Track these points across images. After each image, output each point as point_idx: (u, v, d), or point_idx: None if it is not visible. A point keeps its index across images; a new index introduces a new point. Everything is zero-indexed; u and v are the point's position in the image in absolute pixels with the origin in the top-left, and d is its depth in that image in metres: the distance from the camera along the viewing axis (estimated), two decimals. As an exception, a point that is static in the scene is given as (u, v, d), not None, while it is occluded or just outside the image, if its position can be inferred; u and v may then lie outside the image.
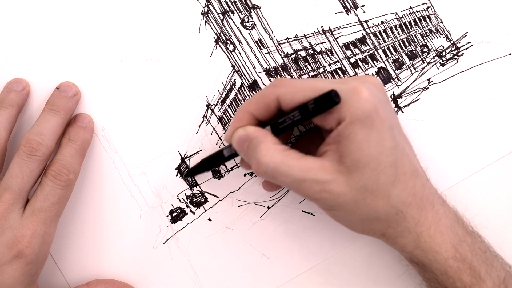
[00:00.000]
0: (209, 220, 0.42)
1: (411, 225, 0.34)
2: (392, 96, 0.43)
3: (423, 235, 0.34)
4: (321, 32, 0.42)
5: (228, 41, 0.42)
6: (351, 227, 0.36)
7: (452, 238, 0.34)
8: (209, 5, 0.41)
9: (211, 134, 0.42)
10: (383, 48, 0.43)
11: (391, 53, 0.43)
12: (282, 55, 0.42)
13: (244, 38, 0.42)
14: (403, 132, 0.35)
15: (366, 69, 0.43)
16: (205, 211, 0.42)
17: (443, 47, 0.43)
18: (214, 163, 0.40)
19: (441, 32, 0.43)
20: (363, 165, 0.32)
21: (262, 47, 0.42)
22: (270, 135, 0.34)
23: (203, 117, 0.42)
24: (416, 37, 0.44)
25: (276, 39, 0.42)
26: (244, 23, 0.42)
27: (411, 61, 0.43)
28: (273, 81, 0.35)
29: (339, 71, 0.43)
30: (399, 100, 0.43)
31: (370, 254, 0.42)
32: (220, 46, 0.42)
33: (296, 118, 0.33)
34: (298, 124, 0.34)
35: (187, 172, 0.41)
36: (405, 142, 0.35)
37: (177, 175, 0.42)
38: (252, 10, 0.42)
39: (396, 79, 0.43)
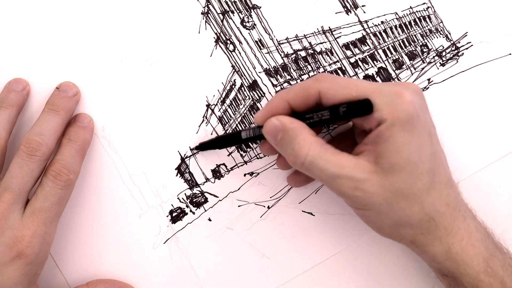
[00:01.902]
0: (209, 220, 0.42)
1: (443, 235, 0.34)
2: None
3: (455, 247, 0.33)
4: (321, 32, 0.42)
5: (228, 41, 0.42)
6: (380, 230, 0.36)
7: (484, 252, 0.34)
8: (209, 5, 0.41)
9: (211, 134, 0.42)
10: (383, 48, 0.43)
11: (391, 53, 0.43)
12: (282, 55, 0.42)
13: (244, 38, 0.42)
14: (439, 141, 0.35)
15: (366, 69, 0.43)
16: (205, 211, 0.42)
17: (443, 47, 0.43)
18: (229, 143, 0.39)
19: (441, 32, 0.43)
20: (400, 168, 0.32)
21: (262, 47, 0.42)
22: (307, 128, 0.34)
23: (203, 117, 0.42)
24: (416, 37, 0.44)
25: (276, 39, 0.42)
26: (244, 23, 0.42)
27: (411, 61, 0.43)
28: (316, 75, 0.35)
29: (339, 71, 0.43)
30: (399, 100, 0.43)
31: (370, 254, 0.42)
32: (220, 46, 0.42)
33: (325, 117, 0.33)
34: (325, 124, 0.34)
35: (199, 145, 0.41)
36: (441, 152, 0.35)
37: (177, 175, 0.42)
38: (252, 10, 0.42)
39: (396, 79, 0.43)
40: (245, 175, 0.42)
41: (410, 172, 0.32)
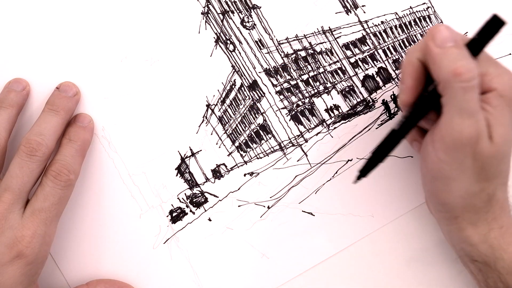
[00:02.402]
0: (209, 220, 0.42)
1: (488, 218, 0.34)
2: (392, 96, 0.43)
3: (494, 232, 0.34)
4: (321, 32, 0.42)
5: (228, 41, 0.42)
6: (444, 198, 0.35)
7: None
8: (209, 5, 0.41)
9: (211, 134, 0.42)
10: (383, 48, 0.43)
11: (391, 53, 0.43)
12: (282, 55, 0.42)
13: (244, 38, 0.42)
14: None
15: (366, 69, 0.43)
16: (205, 211, 0.42)
17: (443, 47, 0.43)
18: (387, 149, 0.35)
19: (441, 32, 0.43)
20: (497, 142, 0.32)
21: (262, 47, 0.42)
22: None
23: (203, 117, 0.42)
24: (416, 37, 0.44)
25: (276, 39, 0.42)
26: (244, 23, 0.42)
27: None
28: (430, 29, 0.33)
29: (339, 71, 0.43)
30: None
31: (370, 254, 0.42)
32: (220, 46, 0.42)
33: (486, 29, 0.33)
34: (486, 41, 0.33)
35: (363, 172, 0.36)
36: None
37: (177, 175, 0.42)
38: (252, 10, 0.42)
39: (396, 79, 0.43)
40: (245, 175, 0.42)
41: (505, 150, 0.33)
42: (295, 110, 0.42)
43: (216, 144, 0.42)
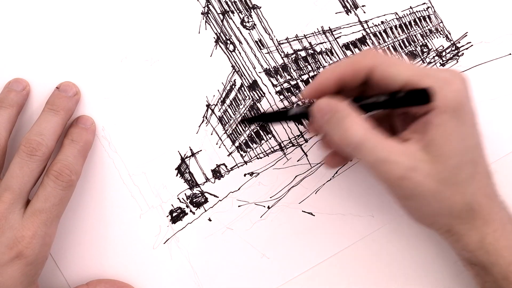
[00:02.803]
0: (209, 220, 0.42)
1: (479, 225, 0.34)
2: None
3: (489, 237, 0.34)
4: (321, 32, 0.42)
5: (228, 41, 0.42)
6: (420, 219, 0.36)
7: None
8: (209, 5, 0.41)
9: (211, 134, 0.42)
10: (383, 48, 0.43)
11: (391, 53, 0.43)
12: (282, 55, 0.42)
13: (244, 38, 0.42)
14: (481, 131, 0.35)
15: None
16: (205, 211, 0.42)
17: (443, 47, 0.43)
18: (274, 118, 0.38)
19: (441, 32, 0.43)
20: (448, 157, 0.32)
21: (262, 47, 0.42)
22: (356, 110, 0.33)
23: (203, 117, 0.42)
24: (416, 37, 0.44)
25: (276, 39, 0.42)
26: (244, 23, 0.42)
27: (411, 61, 0.43)
28: (366, 51, 0.34)
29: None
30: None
31: (370, 254, 0.42)
32: (220, 46, 0.42)
33: (381, 100, 0.33)
34: (378, 108, 0.33)
35: (245, 118, 0.40)
36: (482, 141, 0.35)
37: (177, 175, 0.42)
38: (252, 10, 0.42)
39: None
40: (245, 175, 0.42)
41: (457, 162, 0.32)
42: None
43: (216, 144, 0.42)
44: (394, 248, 0.43)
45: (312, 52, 0.42)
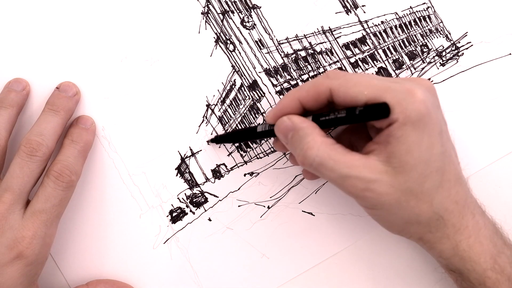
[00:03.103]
0: (209, 220, 0.42)
1: (451, 232, 0.34)
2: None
3: (462, 244, 0.34)
4: (321, 32, 0.42)
5: (228, 41, 0.42)
6: (390, 228, 0.36)
7: (491, 249, 0.34)
8: (209, 5, 0.41)
9: (211, 134, 0.42)
10: (383, 48, 0.43)
11: (391, 53, 0.43)
12: (282, 55, 0.42)
13: (244, 38, 0.42)
14: (450, 138, 0.35)
15: (366, 69, 0.43)
16: (205, 211, 0.42)
17: (443, 47, 0.43)
18: (245, 137, 0.39)
19: (441, 32, 0.43)
20: (411, 168, 0.32)
21: (262, 47, 0.42)
22: (317, 128, 0.34)
23: (203, 117, 0.42)
24: (416, 37, 0.44)
25: (276, 39, 0.42)
26: (244, 23, 0.42)
27: (411, 61, 0.43)
28: (328, 72, 0.35)
29: (339, 71, 0.43)
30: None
31: (370, 254, 0.42)
32: (220, 46, 0.42)
33: (340, 115, 0.33)
34: (338, 124, 0.34)
35: (215, 138, 0.41)
36: (451, 149, 0.35)
37: (177, 175, 0.42)
38: (252, 10, 0.42)
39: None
40: (245, 175, 0.42)
41: (421, 171, 0.32)
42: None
43: (216, 144, 0.42)
44: (394, 248, 0.43)
45: (312, 52, 0.42)
